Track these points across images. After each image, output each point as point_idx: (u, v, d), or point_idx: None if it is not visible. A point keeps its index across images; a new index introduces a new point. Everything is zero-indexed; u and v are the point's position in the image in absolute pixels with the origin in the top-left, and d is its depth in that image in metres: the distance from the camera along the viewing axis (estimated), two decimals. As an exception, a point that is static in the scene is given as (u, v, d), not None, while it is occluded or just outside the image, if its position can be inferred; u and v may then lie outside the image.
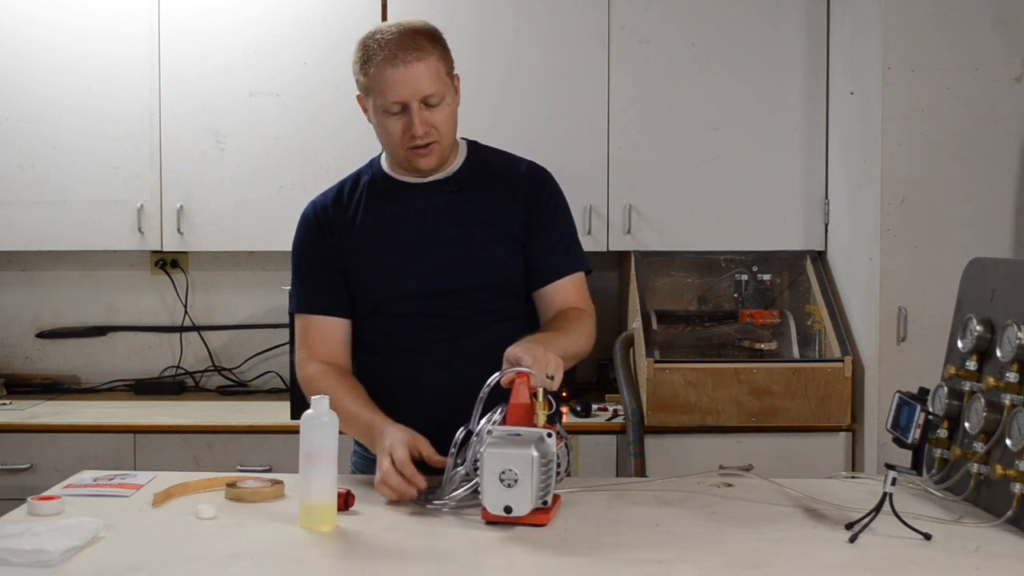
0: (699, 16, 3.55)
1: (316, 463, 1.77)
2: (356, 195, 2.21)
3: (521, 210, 2.18)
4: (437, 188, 2.18)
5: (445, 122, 2.11)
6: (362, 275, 2.17)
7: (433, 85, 2.06)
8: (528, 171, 2.23)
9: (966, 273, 2.13)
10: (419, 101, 2.06)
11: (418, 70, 2.04)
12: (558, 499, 1.88)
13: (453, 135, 2.17)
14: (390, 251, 2.16)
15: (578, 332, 2.12)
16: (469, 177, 2.20)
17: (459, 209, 2.17)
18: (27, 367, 3.90)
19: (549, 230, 2.20)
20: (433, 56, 2.07)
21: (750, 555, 1.67)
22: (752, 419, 3.26)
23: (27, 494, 1.94)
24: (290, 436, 3.08)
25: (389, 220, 2.18)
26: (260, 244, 3.60)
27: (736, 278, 3.60)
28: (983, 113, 3.18)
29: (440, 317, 2.14)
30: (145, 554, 1.65)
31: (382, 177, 2.22)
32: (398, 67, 2.04)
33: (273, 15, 3.56)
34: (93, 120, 3.54)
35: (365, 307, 2.19)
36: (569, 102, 3.55)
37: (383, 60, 2.05)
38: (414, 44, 2.05)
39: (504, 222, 2.17)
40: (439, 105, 2.08)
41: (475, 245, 2.16)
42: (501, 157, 2.26)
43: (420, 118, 2.06)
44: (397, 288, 2.15)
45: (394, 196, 2.19)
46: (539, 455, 1.74)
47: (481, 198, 2.18)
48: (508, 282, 2.18)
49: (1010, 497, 1.79)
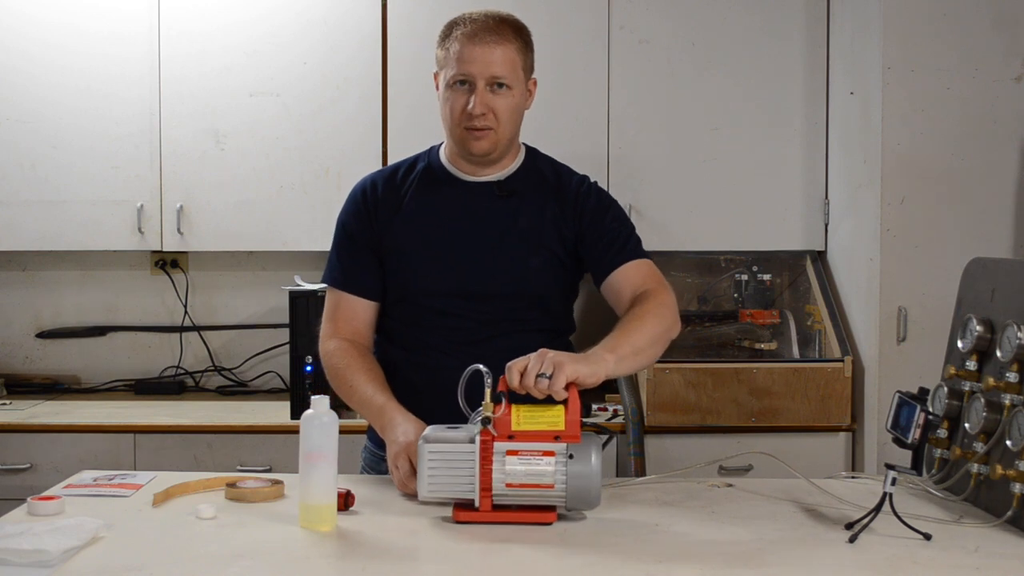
0: (699, 16, 3.55)
1: (316, 463, 1.77)
2: (410, 179, 2.21)
3: (569, 220, 2.18)
4: (487, 189, 2.18)
5: (506, 112, 2.11)
6: (398, 261, 2.18)
7: (504, 70, 2.09)
8: (579, 184, 2.23)
9: (966, 273, 2.13)
10: (486, 81, 2.08)
11: (494, 52, 2.08)
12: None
13: (513, 130, 2.16)
14: (430, 243, 2.16)
15: (638, 318, 2.03)
16: (521, 183, 2.20)
17: (503, 214, 2.17)
18: (27, 367, 3.90)
19: (601, 227, 2.18)
20: (513, 45, 2.11)
21: (750, 555, 1.66)
22: (752, 419, 3.26)
23: (27, 494, 1.94)
24: (290, 436, 3.08)
25: (435, 212, 2.18)
26: (260, 244, 3.60)
27: (736, 278, 3.60)
28: (983, 113, 3.18)
29: (466, 319, 2.14)
30: (145, 554, 1.65)
31: (438, 167, 2.22)
32: (476, 44, 2.07)
33: (273, 15, 3.56)
34: (93, 120, 3.54)
35: (395, 294, 2.19)
36: (569, 102, 3.55)
37: (463, 35, 2.09)
38: (498, 28, 2.10)
39: (547, 234, 2.17)
40: (505, 93, 2.10)
41: (511, 253, 2.15)
42: (556, 168, 2.26)
43: (482, 97, 2.08)
44: (427, 282, 2.16)
45: (445, 189, 2.19)
46: (431, 449, 1.78)
47: (528, 206, 2.18)
48: (538, 294, 2.18)
49: (1010, 497, 1.79)
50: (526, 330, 2.16)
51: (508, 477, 1.78)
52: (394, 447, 2.00)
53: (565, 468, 1.78)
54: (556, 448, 1.79)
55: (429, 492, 1.80)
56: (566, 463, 1.78)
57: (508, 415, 1.79)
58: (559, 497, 1.79)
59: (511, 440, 1.79)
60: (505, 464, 1.78)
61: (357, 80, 3.55)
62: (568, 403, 1.81)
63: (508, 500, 1.79)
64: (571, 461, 1.78)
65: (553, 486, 1.78)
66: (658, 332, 2.05)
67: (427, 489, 1.80)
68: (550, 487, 1.78)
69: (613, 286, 2.15)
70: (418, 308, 2.17)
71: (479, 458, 1.78)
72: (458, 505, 1.81)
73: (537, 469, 1.78)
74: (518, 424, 1.80)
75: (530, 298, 2.17)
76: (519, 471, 1.78)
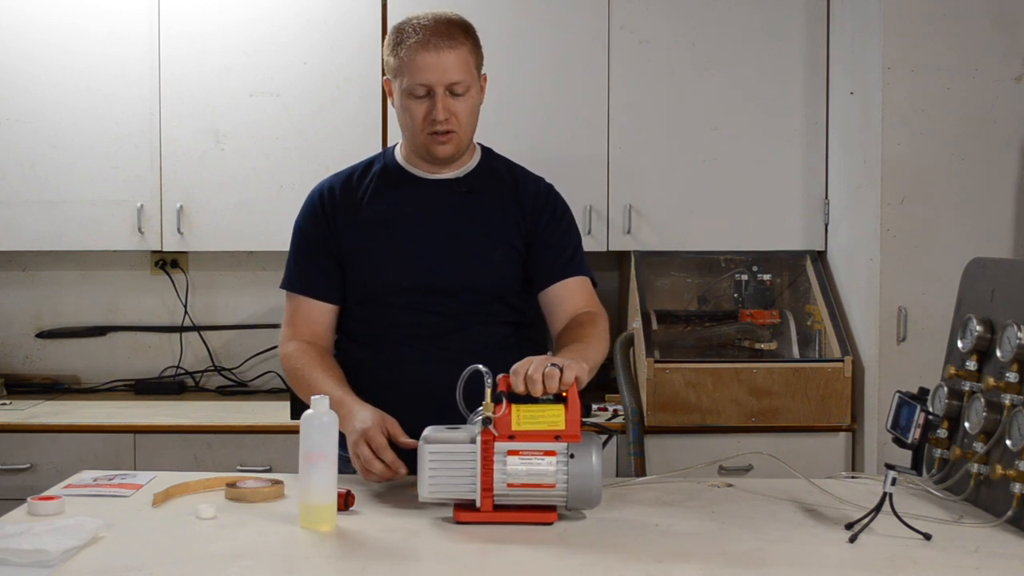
0: (699, 16, 3.55)
1: (316, 463, 1.77)
2: (366, 181, 2.23)
3: (526, 221, 2.21)
4: (447, 186, 2.21)
5: (466, 114, 2.14)
6: (359, 261, 2.19)
7: (461, 74, 2.10)
8: (535, 184, 2.26)
9: (966, 273, 2.13)
10: (445, 87, 2.09)
11: (448, 57, 2.09)
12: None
13: (472, 130, 2.19)
14: (390, 241, 2.18)
15: (595, 337, 2.11)
16: (479, 181, 2.22)
17: (465, 210, 2.19)
18: (27, 367, 3.90)
19: (554, 235, 2.23)
20: (465, 47, 2.12)
21: (750, 555, 1.66)
22: (752, 419, 3.26)
23: (27, 494, 1.94)
24: (290, 436, 3.08)
25: (395, 210, 2.19)
26: (260, 244, 3.60)
27: (736, 278, 3.59)
28: (983, 113, 3.18)
29: (430, 313, 2.16)
30: (145, 554, 1.65)
31: (395, 167, 2.24)
32: (430, 52, 2.08)
33: (273, 15, 3.56)
34: (93, 120, 3.54)
35: (357, 294, 2.21)
36: (569, 102, 3.55)
37: (416, 43, 2.09)
38: (448, 32, 2.10)
39: (506, 230, 2.20)
40: (463, 96, 2.12)
41: (475, 247, 2.17)
42: (512, 168, 2.29)
43: (443, 104, 2.10)
44: (391, 279, 2.17)
45: (404, 187, 2.21)
46: (432, 449, 1.78)
47: (487, 203, 2.20)
48: (502, 287, 2.20)
49: (1010, 497, 1.79)
50: (489, 323, 2.19)
51: (509, 477, 1.78)
52: (353, 435, 1.99)
53: (566, 467, 1.78)
54: (557, 448, 1.79)
55: (430, 492, 1.80)
56: (567, 462, 1.78)
57: (508, 415, 1.80)
58: (560, 497, 1.79)
59: (512, 440, 1.79)
60: (506, 464, 1.78)
61: (357, 80, 3.55)
62: (568, 402, 1.81)
63: (509, 500, 1.79)
64: (572, 460, 1.78)
65: (554, 485, 1.78)
66: (600, 359, 2.09)
67: (428, 490, 1.80)
68: (551, 487, 1.78)
69: (553, 298, 2.21)
70: (381, 305, 2.19)
71: (480, 458, 1.78)
72: (458, 505, 1.81)
73: (538, 469, 1.78)
74: (518, 424, 1.80)
75: (493, 292, 2.19)
76: (520, 471, 1.78)
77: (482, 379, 1.81)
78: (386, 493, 2.00)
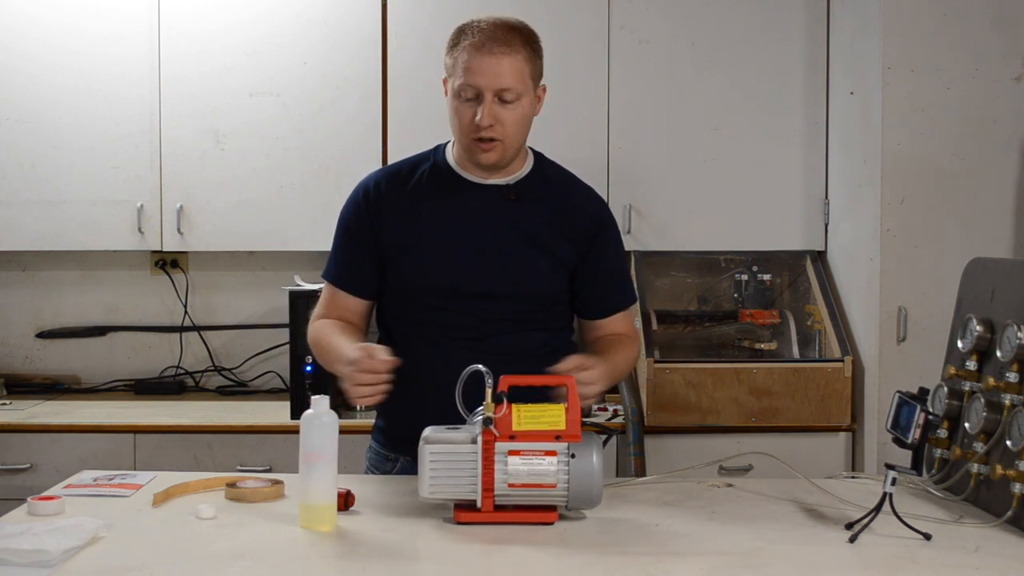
0: (699, 16, 3.55)
1: (316, 463, 1.77)
2: (415, 178, 2.20)
3: (579, 238, 2.19)
4: (496, 192, 2.18)
5: (515, 123, 2.10)
6: (401, 259, 2.17)
7: (511, 81, 2.06)
8: (591, 202, 2.25)
9: (966, 273, 2.13)
10: (494, 93, 2.06)
11: (502, 63, 2.05)
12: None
13: (521, 139, 2.16)
14: (435, 242, 2.15)
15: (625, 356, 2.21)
16: (530, 188, 2.19)
17: (513, 218, 2.16)
18: (27, 367, 3.90)
19: (605, 267, 2.23)
20: (521, 55, 2.08)
21: (750, 555, 1.67)
22: (752, 419, 3.26)
23: (27, 494, 1.94)
24: (290, 436, 3.08)
25: (443, 213, 2.17)
26: (260, 244, 3.60)
27: (736, 278, 3.60)
28: (983, 113, 3.18)
29: (470, 316, 2.14)
30: (145, 554, 1.65)
31: (445, 168, 2.21)
32: (483, 55, 2.05)
33: (273, 15, 3.56)
34: (93, 120, 3.54)
35: (396, 291, 2.19)
36: (569, 102, 3.54)
37: (471, 44, 2.06)
38: (506, 38, 2.07)
39: (555, 240, 2.17)
40: (513, 104, 2.08)
41: (521, 256, 2.15)
42: (563, 176, 2.26)
43: (489, 109, 2.06)
44: (433, 280, 2.15)
45: (453, 190, 2.18)
46: (432, 449, 1.78)
47: (537, 212, 2.18)
48: (544, 296, 2.19)
49: (1010, 497, 1.79)
50: (527, 329, 2.17)
51: (510, 477, 1.78)
52: (343, 367, 1.97)
53: (567, 467, 1.78)
54: (558, 448, 1.79)
55: (430, 493, 1.80)
56: (568, 462, 1.78)
57: (509, 415, 1.80)
58: (561, 496, 1.79)
59: (513, 440, 1.79)
60: (507, 464, 1.78)
61: (357, 80, 3.55)
62: (569, 403, 1.81)
63: (510, 500, 1.80)
64: (573, 460, 1.78)
65: (555, 485, 1.78)
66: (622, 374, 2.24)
67: (428, 490, 1.80)
68: (552, 487, 1.78)
69: (595, 326, 2.26)
70: (420, 305, 2.17)
71: (481, 458, 1.78)
72: (458, 505, 1.81)
73: (539, 469, 1.78)
74: (519, 424, 1.80)
75: (535, 300, 2.18)
76: (521, 471, 1.78)
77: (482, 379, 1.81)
78: (386, 493, 2.00)
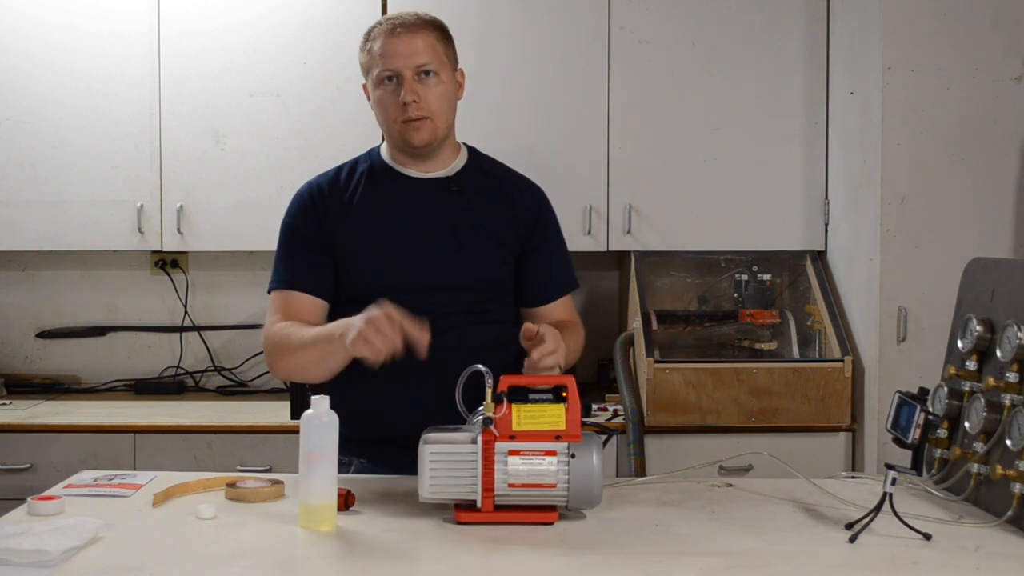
0: (699, 16, 3.55)
1: (316, 463, 1.77)
2: (354, 180, 2.22)
3: (520, 224, 2.22)
4: (437, 185, 2.20)
5: (438, 99, 2.14)
6: (350, 260, 2.17)
7: (427, 56, 2.12)
8: (528, 188, 2.28)
9: (966, 273, 2.13)
10: (412, 71, 2.11)
11: (415, 42, 2.11)
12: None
13: (447, 118, 2.18)
14: (383, 240, 2.16)
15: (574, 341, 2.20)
16: (469, 180, 2.22)
17: (457, 209, 2.18)
18: (27, 367, 3.90)
19: (548, 251, 2.26)
20: (432, 35, 2.14)
21: (750, 555, 1.66)
22: (752, 419, 3.26)
23: (27, 494, 1.94)
24: (290, 436, 3.08)
25: (385, 209, 2.18)
26: (260, 244, 3.59)
27: (736, 278, 3.59)
28: (983, 113, 3.18)
29: (424, 312, 2.12)
30: (145, 554, 1.65)
31: (382, 166, 2.23)
32: (396, 37, 2.12)
33: (273, 15, 3.56)
34: (93, 120, 3.54)
35: (349, 292, 2.17)
36: (569, 102, 3.55)
37: (381, 31, 2.14)
38: (415, 22, 2.14)
39: (500, 230, 2.20)
40: (434, 81, 2.13)
41: (468, 246, 2.17)
42: (499, 168, 2.29)
43: (411, 87, 2.11)
44: (385, 278, 2.14)
45: (392, 186, 2.20)
46: (432, 449, 1.78)
47: (479, 203, 2.20)
48: (496, 286, 2.21)
49: (1010, 497, 1.79)
50: (481, 321, 2.18)
51: (510, 477, 1.78)
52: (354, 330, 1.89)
53: (567, 467, 1.78)
54: (558, 447, 1.79)
55: (430, 493, 1.80)
56: (568, 462, 1.78)
57: (509, 415, 1.80)
58: (561, 496, 1.79)
59: (513, 440, 1.79)
60: (507, 464, 1.78)
61: (357, 80, 3.47)
62: (569, 402, 1.81)
63: (510, 500, 1.80)
64: (573, 460, 1.78)
65: (555, 485, 1.78)
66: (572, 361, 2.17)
67: (428, 490, 1.80)
68: (552, 487, 1.78)
69: (539, 314, 2.25)
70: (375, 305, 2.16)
71: (481, 458, 1.78)
72: (458, 506, 1.81)
73: (539, 468, 1.78)
74: (519, 424, 1.80)
75: (488, 290, 2.20)
76: (521, 471, 1.78)
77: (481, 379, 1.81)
78: (386, 493, 2.00)
